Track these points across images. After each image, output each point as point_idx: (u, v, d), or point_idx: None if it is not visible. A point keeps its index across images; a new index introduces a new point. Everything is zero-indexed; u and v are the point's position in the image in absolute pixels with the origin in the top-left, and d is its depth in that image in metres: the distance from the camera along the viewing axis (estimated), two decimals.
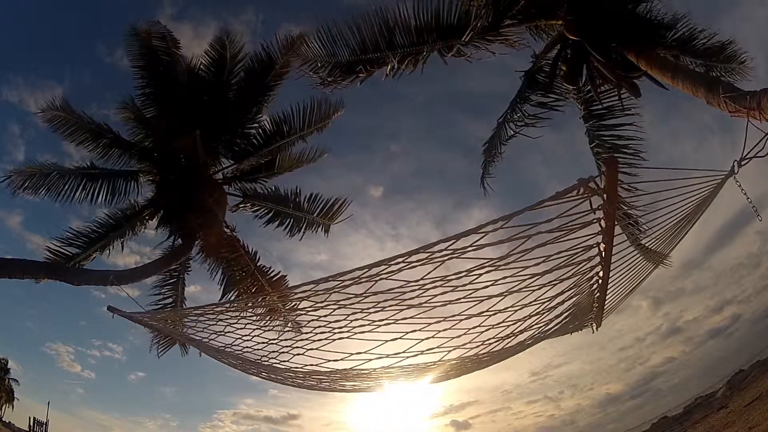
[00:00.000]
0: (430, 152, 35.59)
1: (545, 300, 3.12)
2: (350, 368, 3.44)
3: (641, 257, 4.66)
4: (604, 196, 2.02)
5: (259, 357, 3.27)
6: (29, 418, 30.22)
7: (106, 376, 42.83)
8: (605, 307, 4.59)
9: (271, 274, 9.26)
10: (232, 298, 9.23)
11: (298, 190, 9.32)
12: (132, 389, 46.62)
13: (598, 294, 4.05)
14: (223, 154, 8.88)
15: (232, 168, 9.03)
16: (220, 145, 8.74)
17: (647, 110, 7.36)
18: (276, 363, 3.37)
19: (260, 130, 8.85)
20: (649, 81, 6.22)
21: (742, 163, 3.66)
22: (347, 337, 2.78)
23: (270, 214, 9.38)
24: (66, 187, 8.05)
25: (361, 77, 7.30)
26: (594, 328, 4.96)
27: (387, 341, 2.80)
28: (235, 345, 3.22)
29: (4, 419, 32.66)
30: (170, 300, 9.12)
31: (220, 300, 9.26)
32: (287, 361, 3.08)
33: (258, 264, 9.18)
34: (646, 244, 4.80)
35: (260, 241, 9.54)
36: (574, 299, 3.58)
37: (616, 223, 2.71)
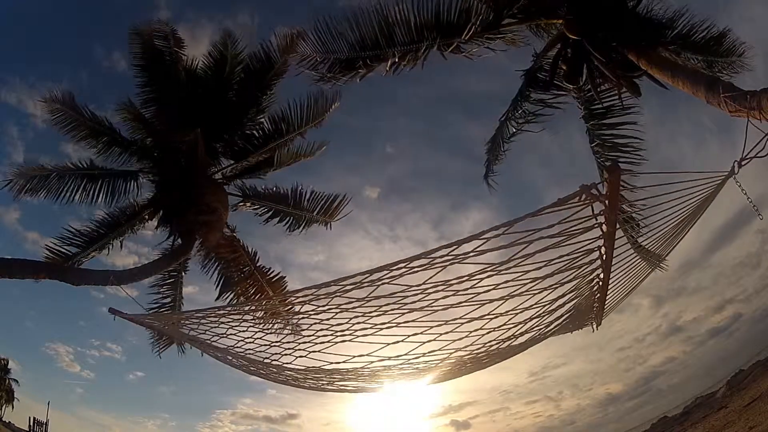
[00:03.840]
0: (426, 153, 35.63)
1: (546, 303, 3.14)
2: (351, 369, 3.46)
3: (640, 260, 4.68)
4: (606, 202, 2.03)
5: (262, 358, 3.29)
6: (29, 418, 30.29)
7: (106, 376, 43.01)
8: (605, 306, 4.62)
9: (271, 275, 9.28)
10: (231, 298, 9.25)
11: (296, 189, 9.34)
12: (131, 389, 46.82)
13: (598, 295, 4.07)
14: (223, 153, 8.87)
15: (231, 167, 9.02)
16: (220, 144, 8.73)
17: (646, 111, 7.36)
18: (278, 364, 3.38)
19: (260, 130, 8.85)
20: (650, 80, 6.22)
21: (743, 163, 3.65)
22: (349, 340, 2.80)
23: (270, 213, 9.41)
24: (66, 189, 8.05)
25: (361, 73, 7.23)
26: (594, 326, 4.99)
27: (389, 344, 2.82)
28: (237, 347, 3.23)
29: (4, 419, 32.74)
30: (169, 300, 9.12)
31: (218, 300, 9.30)
32: (290, 363, 3.10)
33: (258, 264, 9.19)
34: (645, 245, 4.80)
35: (258, 242, 9.60)
36: (574, 301, 3.59)
37: (617, 227, 2.73)
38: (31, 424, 29.71)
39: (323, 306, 2.60)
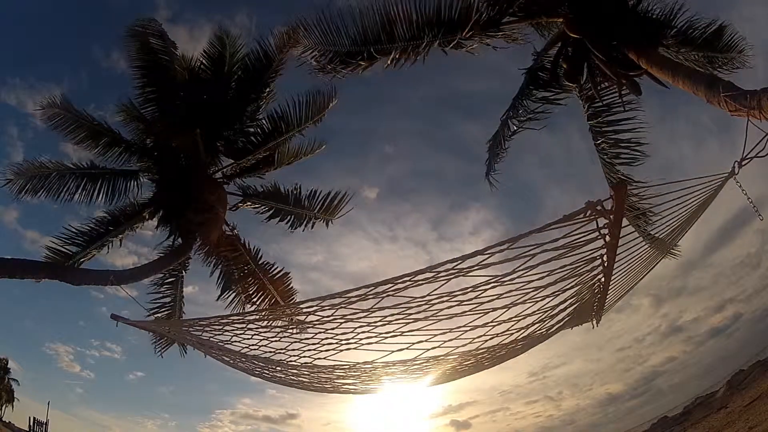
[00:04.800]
0: (426, 153, 35.54)
1: (548, 308, 3.17)
2: (355, 372, 3.50)
3: (643, 255, 4.69)
4: (611, 217, 2.04)
5: (266, 363, 3.31)
6: (29, 418, 30.42)
7: (105, 376, 43.23)
8: (605, 305, 4.67)
9: (274, 272, 9.25)
10: (232, 297, 9.26)
11: (297, 188, 9.32)
12: (131, 389, 47.06)
13: (599, 296, 4.11)
14: (223, 152, 8.83)
15: (231, 166, 8.99)
16: (220, 143, 8.69)
17: (646, 111, 7.36)
18: (282, 369, 3.42)
19: (259, 128, 8.79)
20: (650, 79, 6.21)
21: (743, 163, 3.67)
22: (354, 349, 2.82)
23: (270, 212, 9.40)
24: (66, 188, 8.01)
25: (362, 66, 7.18)
26: (594, 323, 5.05)
27: (393, 352, 2.85)
28: (241, 353, 3.25)
29: (4, 419, 32.84)
30: (169, 299, 9.09)
31: (219, 299, 9.31)
32: (295, 369, 3.12)
33: (260, 262, 9.18)
34: (646, 246, 4.81)
35: (258, 243, 9.59)
36: (575, 305, 3.63)
37: (620, 237, 2.74)
38: (31, 424, 29.83)
39: (328, 317, 2.62)
